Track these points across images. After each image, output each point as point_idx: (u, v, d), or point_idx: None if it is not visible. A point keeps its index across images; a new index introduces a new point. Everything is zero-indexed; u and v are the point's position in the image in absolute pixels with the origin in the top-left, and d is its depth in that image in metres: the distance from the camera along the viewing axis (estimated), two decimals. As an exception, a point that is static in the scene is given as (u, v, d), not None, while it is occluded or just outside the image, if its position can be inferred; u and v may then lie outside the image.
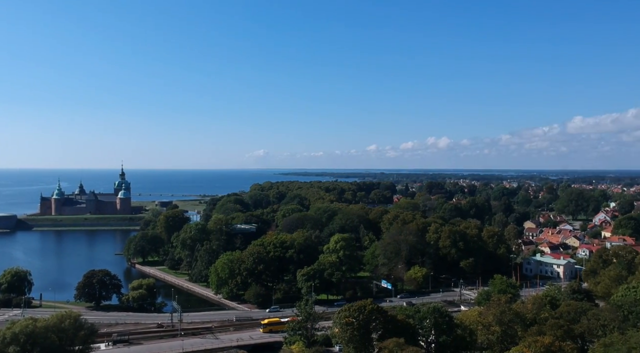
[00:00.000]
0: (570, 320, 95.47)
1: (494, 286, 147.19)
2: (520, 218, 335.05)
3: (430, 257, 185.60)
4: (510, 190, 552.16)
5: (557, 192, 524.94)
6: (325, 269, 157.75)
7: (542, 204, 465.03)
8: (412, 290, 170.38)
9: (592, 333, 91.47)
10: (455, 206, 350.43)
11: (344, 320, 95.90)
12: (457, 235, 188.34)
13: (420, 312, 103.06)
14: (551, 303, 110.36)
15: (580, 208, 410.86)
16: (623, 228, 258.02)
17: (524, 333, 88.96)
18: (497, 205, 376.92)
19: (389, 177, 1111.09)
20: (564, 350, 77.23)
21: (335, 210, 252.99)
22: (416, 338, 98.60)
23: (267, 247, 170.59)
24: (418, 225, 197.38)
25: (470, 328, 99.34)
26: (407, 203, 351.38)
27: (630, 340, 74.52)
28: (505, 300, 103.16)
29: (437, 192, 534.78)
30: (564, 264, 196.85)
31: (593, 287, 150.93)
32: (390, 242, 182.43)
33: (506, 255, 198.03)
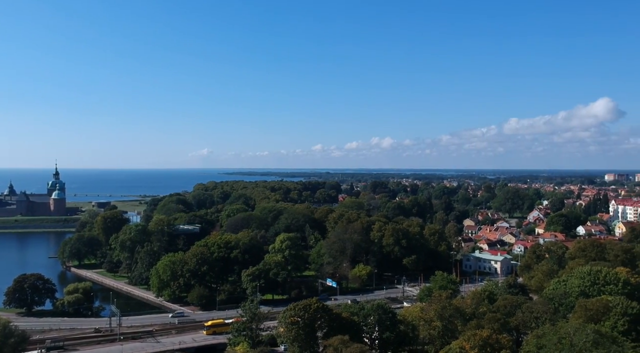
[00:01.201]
0: (506, 313, 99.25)
1: (435, 282, 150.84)
2: (460, 216, 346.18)
3: (374, 255, 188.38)
4: (450, 189, 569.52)
5: (494, 191, 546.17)
6: (271, 269, 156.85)
7: (481, 203, 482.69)
8: (357, 288, 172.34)
9: (526, 325, 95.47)
10: (399, 205, 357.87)
11: (289, 319, 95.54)
12: (400, 233, 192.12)
13: (365, 309, 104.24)
14: (489, 297, 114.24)
15: (516, 206, 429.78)
16: (554, 225, 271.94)
17: (464, 328, 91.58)
18: (438, 204, 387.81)
19: (334, 176, 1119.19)
20: (500, 343, 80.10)
21: (280, 210, 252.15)
22: (360, 335, 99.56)
23: (211, 248, 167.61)
24: (362, 224, 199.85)
25: (412, 323, 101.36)
26: (352, 202, 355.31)
27: (560, 331, 78.33)
28: (446, 295, 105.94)
29: (381, 191, 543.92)
30: (500, 260, 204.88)
31: (527, 282, 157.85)
32: (335, 241, 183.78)
33: (447, 252, 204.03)
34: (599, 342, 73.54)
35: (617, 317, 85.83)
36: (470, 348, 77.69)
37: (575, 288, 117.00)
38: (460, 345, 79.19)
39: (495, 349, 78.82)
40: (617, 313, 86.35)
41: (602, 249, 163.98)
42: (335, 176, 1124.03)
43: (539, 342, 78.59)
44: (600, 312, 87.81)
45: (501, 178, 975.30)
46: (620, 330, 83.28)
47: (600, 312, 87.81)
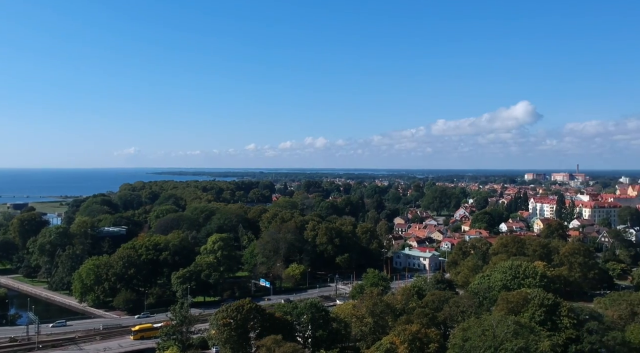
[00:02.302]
0: (434, 308, 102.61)
1: (367, 280, 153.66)
2: (390, 215, 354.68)
3: (308, 254, 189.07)
4: (381, 189, 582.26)
5: (423, 190, 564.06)
6: (203, 270, 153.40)
7: (410, 201, 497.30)
8: (291, 287, 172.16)
9: (453, 319, 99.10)
10: (332, 204, 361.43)
11: (221, 321, 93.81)
12: (333, 232, 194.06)
13: (298, 308, 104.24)
14: (418, 293, 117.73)
15: (444, 204, 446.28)
16: (479, 222, 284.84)
17: (394, 323, 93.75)
18: (370, 203, 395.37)
19: (268, 176, 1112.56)
20: (429, 337, 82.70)
21: (213, 210, 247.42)
22: (294, 334, 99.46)
23: (139, 250, 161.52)
24: (296, 224, 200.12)
25: (345, 321, 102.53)
26: (285, 202, 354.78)
27: (484, 323, 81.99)
28: (377, 292, 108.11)
29: (315, 190, 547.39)
30: (429, 257, 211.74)
31: (454, 277, 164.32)
32: (269, 241, 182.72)
33: (378, 250, 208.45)
34: (519, 332, 77.67)
35: (535, 308, 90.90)
36: (400, 343, 79.59)
37: (498, 282, 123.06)
38: (391, 341, 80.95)
39: (424, 343, 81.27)
40: (535, 305, 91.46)
41: (522, 245, 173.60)
42: (269, 176, 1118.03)
43: (465, 334, 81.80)
44: (520, 304, 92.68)
45: (430, 177, 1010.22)
46: (538, 320, 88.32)
47: (520, 304, 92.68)
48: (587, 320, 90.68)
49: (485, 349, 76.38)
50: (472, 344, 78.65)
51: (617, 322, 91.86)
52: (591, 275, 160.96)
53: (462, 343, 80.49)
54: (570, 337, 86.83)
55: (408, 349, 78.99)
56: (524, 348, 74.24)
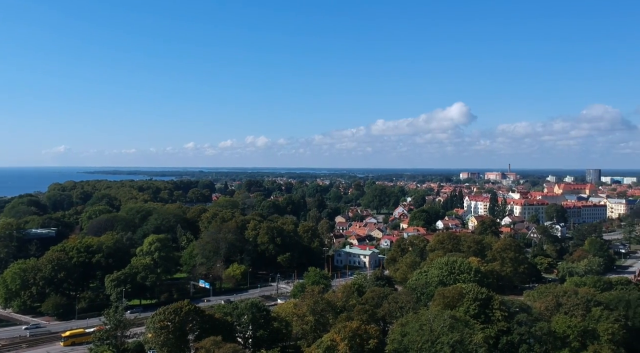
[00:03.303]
0: (374, 305, 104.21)
1: (308, 278, 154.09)
2: (332, 214, 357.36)
3: (249, 253, 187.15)
4: (323, 188, 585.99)
5: (363, 189, 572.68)
6: (139, 272, 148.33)
7: (351, 200, 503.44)
8: (231, 288, 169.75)
9: (392, 314, 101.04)
10: (273, 203, 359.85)
11: (158, 324, 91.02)
12: (274, 232, 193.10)
13: (238, 308, 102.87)
14: (358, 290, 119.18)
15: (383, 203, 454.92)
16: (417, 220, 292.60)
17: (335, 321, 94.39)
18: (311, 202, 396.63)
19: (208, 175, 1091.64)
20: (368, 333, 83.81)
21: (149, 210, 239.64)
22: (234, 334, 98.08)
23: (70, 253, 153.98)
24: (237, 223, 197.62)
25: (286, 320, 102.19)
26: (226, 201, 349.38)
27: (422, 318, 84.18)
28: (318, 290, 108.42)
29: (256, 190, 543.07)
30: (369, 254, 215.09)
31: (393, 274, 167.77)
32: (209, 241, 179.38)
33: (320, 249, 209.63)
34: (454, 326, 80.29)
35: (469, 302, 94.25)
36: (340, 340, 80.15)
37: (435, 278, 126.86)
38: (332, 338, 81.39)
39: (364, 339, 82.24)
40: (469, 299, 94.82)
41: (458, 241, 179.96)
42: (209, 175, 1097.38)
43: (403, 329, 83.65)
44: (455, 298, 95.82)
45: (370, 176, 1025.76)
46: (472, 313, 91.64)
47: (455, 298, 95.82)
48: (517, 312, 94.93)
49: (423, 343, 78.38)
50: (410, 339, 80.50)
51: (544, 313, 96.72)
52: (521, 269, 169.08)
53: (400, 338, 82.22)
54: (501, 329, 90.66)
55: (348, 346, 79.66)
56: (459, 341, 76.75)
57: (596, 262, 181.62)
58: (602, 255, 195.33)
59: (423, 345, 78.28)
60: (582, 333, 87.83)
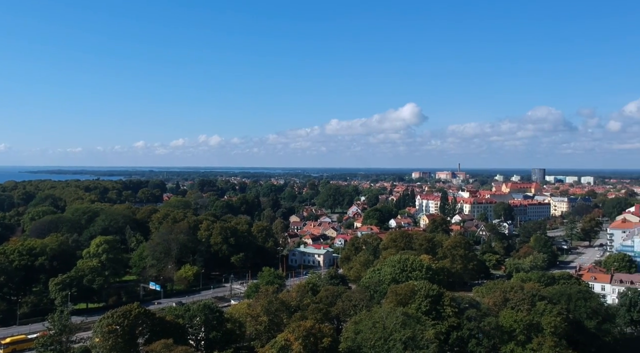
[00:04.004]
0: (328, 303, 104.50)
1: (262, 278, 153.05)
2: (286, 213, 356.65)
3: (201, 254, 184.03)
4: (277, 187, 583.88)
5: (318, 188, 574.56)
6: (85, 275, 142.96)
7: (306, 199, 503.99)
8: (183, 290, 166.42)
9: (346, 313, 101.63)
10: (227, 203, 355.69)
11: (106, 328, 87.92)
12: (228, 232, 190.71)
13: (191, 310, 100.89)
14: (313, 289, 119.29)
15: (337, 202, 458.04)
16: (370, 218, 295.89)
17: (289, 320, 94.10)
18: (266, 201, 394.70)
19: (158, 175, 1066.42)
20: (322, 332, 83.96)
21: (97, 211, 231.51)
22: (186, 337, 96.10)
23: (10, 256, 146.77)
24: (189, 223, 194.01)
25: (239, 320, 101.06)
26: (178, 201, 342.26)
27: (375, 316, 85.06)
28: (272, 290, 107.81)
29: (209, 189, 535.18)
30: (323, 253, 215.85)
31: (347, 272, 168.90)
32: (159, 242, 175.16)
33: (274, 248, 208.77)
34: (407, 323, 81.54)
35: (421, 299, 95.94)
36: (294, 339, 79.90)
37: (388, 275, 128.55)
38: (285, 337, 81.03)
39: (317, 338, 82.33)
40: (421, 296, 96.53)
41: (410, 239, 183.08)
42: (160, 174, 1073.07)
43: (357, 327, 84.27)
44: (407, 295, 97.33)
45: (324, 176, 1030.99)
46: (424, 310, 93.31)
47: (407, 295, 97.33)
48: (467, 308, 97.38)
49: (376, 340, 79.19)
50: (363, 336, 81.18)
51: (492, 309, 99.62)
52: (471, 266, 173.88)
53: (354, 336, 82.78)
54: (452, 324, 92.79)
55: (302, 345, 79.49)
56: (411, 337, 77.97)
57: (541, 258, 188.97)
58: (546, 252, 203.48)
59: (376, 343, 79.08)
60: (528, 326, 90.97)
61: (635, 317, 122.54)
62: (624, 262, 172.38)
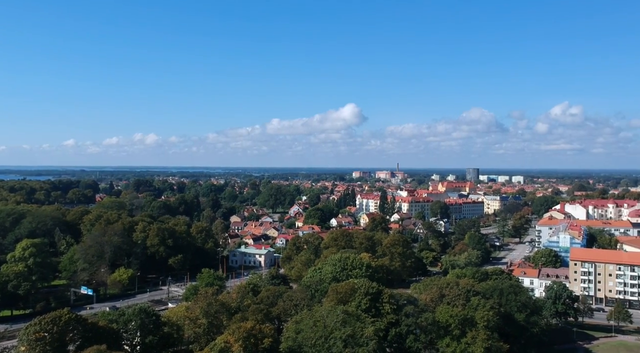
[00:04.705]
0: (269, 304, 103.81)
1: (201, 280, 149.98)
2: (227, 213, 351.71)
3: (137, 256, 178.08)
4: (217, 187, 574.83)
5: (259, 188, 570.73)
6: (10, 281, 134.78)
7: (247, 199, 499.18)
8: (118, 294, 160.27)
9: (287, 313, 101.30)
10: (164, 203, 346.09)
11: (34, 335, 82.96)
12: (165, 233, 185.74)
13: (125, 314, 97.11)
14: (253, 290, 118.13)
15: (279, 202, 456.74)
16: (312, 218, 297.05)
17: (229, 322, 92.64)
18: (205, 202, 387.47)
19: (90, 174, 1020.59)
20: (263, 332, 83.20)
21: (22, 213, 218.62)
22: (120, 342, 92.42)
23: None
24: (124, 225, 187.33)
25: (177, 324, 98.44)
26: (111, 202, 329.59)
27: (316, 314, 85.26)
28: (212, 292, 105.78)
29: (146, 189, 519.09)
30: (264, 254, 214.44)
31: (288, 272, 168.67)
32: (92, 245, 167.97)
33: (214, 249, 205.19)
34: (347, 321, 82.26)
35: (361, 297, 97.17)
36: (234, 341, 78.72)
37: (329, 274, 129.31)
38: (225, 340, 79.68)
39: (258, 339, 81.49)
40: (361, 294, 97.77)
41: (350, 238, 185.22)
42: (92, 174, 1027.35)
43: (298, 327, 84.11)
44: (348, 294, 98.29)
45: (265, 175, 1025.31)
46: (364, 308, 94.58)
47: (348, 294, 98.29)
48: (405, 304, 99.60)
49: (317, 339, 79.35)
50: (304, 336, 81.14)
51: (429, 305, 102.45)
52: (409, 263, 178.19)
53: (295, 336, 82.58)
54: (391, 321, 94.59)
55: (242, 346, 78.41)
56: (351, 335, 78.71)
57: (475, 255, 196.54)
58: (480, 248, 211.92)
59: (317, 341, 79.25)
60: (462, 321, 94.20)
61: (560, 309, 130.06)
62: (550, 257, 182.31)
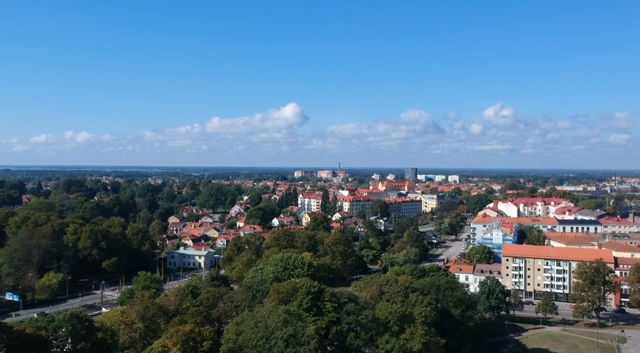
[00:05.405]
0: (209, 306, 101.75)
1: (137, 283, 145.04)
2: (165, 214, 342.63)
3: (68, 260, 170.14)
4: (155, 187, 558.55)
5: (199, 188, 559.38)
6: None
7: (186, 199, 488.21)
8: (47, 299, 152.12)
9: (227, 314, 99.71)
10: (98, 204, 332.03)
11: (-50, 348, 77.28)
12: (99, 235, 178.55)
13: (55, 321, 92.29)
14: (193, 292, 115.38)
15: (220, 201, 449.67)
16: (254, 218, 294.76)
17: (167, 326, 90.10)
18: (142, 202, 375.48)
19: (16, 174, 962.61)
20: (203, 335, 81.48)
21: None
22: (49, 350, 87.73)
23: None
24: (54, 227, 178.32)
25: (112, 329, 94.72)
26: (40, 203, 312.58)
27: (257, 315, 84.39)
28: (148, 295, 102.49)
29: (77, 190, 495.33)
30: (204, 255, 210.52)
31: (229, 273, 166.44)
32: (18, 248, 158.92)
33: (151, 251, 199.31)
34: (288, 321, 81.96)
35: (302, 296, 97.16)
36: (172, 344, 76.66)
37: (270, 274, 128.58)
38: (163, 344, 77.42)
39: (197, 342, 79.76)
40: (302, 293, 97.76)
41: (292, 238, 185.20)
42: (18, 174, 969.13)
43: (238, 328, 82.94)
44: (289, 293, 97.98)
45: (206, 175, 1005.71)
46: (305, 307, 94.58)
47: (289, 293, 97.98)
48: (346, 302, 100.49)
49: (258, 340, 78.55)
50: (245, 337, 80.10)
51: (369, 302, 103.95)
52: (350, 262, 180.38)
53: (235, 338, 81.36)
54: (332, 319, 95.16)
55: (181, 350, 76.43)
56: (292, 335, 78.48)
57: (413, 252, 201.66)
58: (418, 246, 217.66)
59: (258, 342, 78.44)
60: (401, 317, 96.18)
61: (493, 303, 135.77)
62: (484, 254, 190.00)
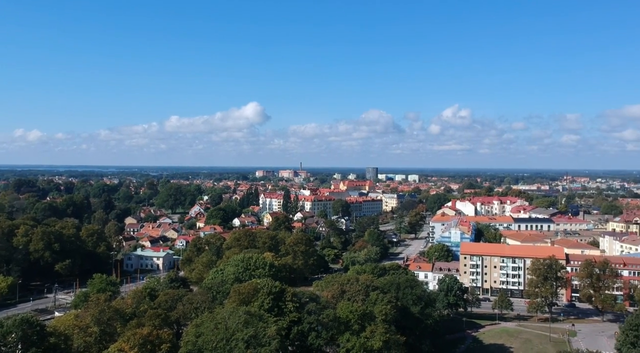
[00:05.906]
0: (167, 308, 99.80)
1: (92, 286, 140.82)
2: (121, 215, 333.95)
3: (18, 263, 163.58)
4: (111, 187, 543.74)
5: (157, 188, 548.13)
6: None
7: (144, 200, 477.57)
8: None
9: (186, 316, 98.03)
10: (50, 205, 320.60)
11: None
12: (52, 237, 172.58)
13: (4, 326, 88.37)
14: (150, 294, 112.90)
15: (179, 202, 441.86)
16: (214, 218, 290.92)
17: (124, 329, 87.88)
18: (97, 203, 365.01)
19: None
20: (161, 338, 79.90)
21: None
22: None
23: None
24: (3, 229, 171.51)
25: (65, 333, 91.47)
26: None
27: (217, 317, 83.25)
28: (104, 298, 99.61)
29: (28, 190, 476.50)
30: (163, 256, 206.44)
31: (189, 274, 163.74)
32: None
33: (106, 253, 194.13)
34: (249, 321, 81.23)
35: (264, 296, 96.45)
36: (129, 348, 74.94)
37: (231, 275, 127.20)
38: (119, 347, 75.56)
39: (155, 345, 78.26)
40: (264, 294, 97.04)
41: (254, 238, 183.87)
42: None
43: (198, 330, 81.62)
44: (250, 294, 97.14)
45: (164, 175, 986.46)
46: (266, 307, 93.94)
47: (250, 294, 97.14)
48: (307, 302, 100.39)
49: (218, 342, 77.47)
50: (205, 339, 78.87)
51: (330, 301, 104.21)
52: (311, 261, 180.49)
53: (195, 340, 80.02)
54: (293, 319, 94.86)
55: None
56: (253, 336, 77.79)
57: (374, 251, 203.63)
58: (378, 245, 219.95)
59: (218, 344, 77.36)
60: (362, 316, 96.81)
61: (451, 301, 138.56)
62: (442, 252, 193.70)
